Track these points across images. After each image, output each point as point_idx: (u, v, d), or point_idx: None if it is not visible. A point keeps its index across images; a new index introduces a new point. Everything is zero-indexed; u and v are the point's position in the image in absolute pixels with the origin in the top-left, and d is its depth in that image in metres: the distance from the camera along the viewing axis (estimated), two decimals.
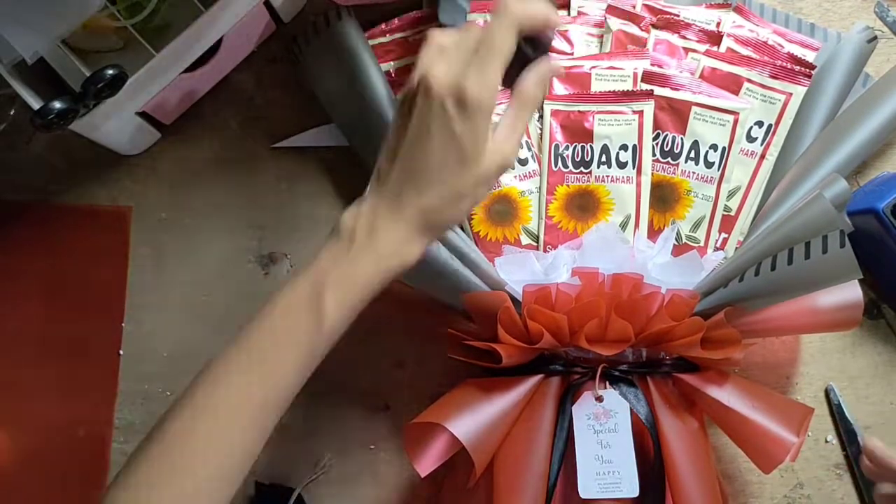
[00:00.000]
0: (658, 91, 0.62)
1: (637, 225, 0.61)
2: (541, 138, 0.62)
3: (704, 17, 0.67)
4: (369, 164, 0.62)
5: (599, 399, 0.57)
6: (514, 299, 0.57)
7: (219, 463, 0.42)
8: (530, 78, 0.45)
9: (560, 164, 0.61)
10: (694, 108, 0.62)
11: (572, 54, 0.65)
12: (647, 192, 0.61)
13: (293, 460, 0.60)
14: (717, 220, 0.62)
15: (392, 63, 0.65)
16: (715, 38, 0.65)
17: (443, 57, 0.42)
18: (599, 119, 0.61)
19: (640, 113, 0.61)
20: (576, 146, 0.61)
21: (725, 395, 0.57)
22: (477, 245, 0.60)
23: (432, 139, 0.43)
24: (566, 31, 0.66)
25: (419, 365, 0.62)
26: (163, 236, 0.63)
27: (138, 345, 0.62)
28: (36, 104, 0.51)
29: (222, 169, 0.65)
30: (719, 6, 0.68)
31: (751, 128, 0.63)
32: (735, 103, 0.62)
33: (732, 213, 0.62)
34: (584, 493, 0.56)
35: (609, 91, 0.62)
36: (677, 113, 0.62)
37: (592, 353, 0.57)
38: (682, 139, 0.62)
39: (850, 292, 0.58)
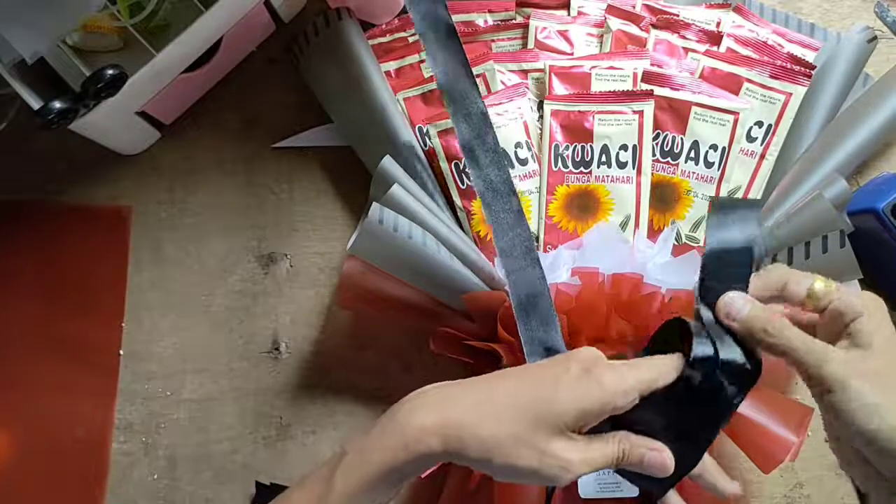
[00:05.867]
0: (658, 91, 0.62)
1: (637, 225, 0.61)
2: (541, 138, 0.62)
3: (704, 17, 0.67)
4: (369, 163, 0.63)
5: None
6: None
7: None
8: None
9: (560, 164, 0.61)
10: (694, 108, 0.62)
11: (572, 54, 0.65)
12: (647, 192, 0.61)
13: (294, 460, 0.60)
14: None
15: (392, 63, 0.65)
16: (715, 38, 0.65)
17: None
18: (599, 119, 0.61)
19: (640, 113, 0.61)
20: (576, 146, 0.61)
21: None
22: (477, 245, 0.60)
23: (534, 372, 0.43)
24: (566, 31, 0.66)
25: (426, 369, 0.62)
26: (163, 236, 0.63)
27: (138, 345, 0.62)
28: (36, 104, 0.51)
29: (222, 169, 0.65)
30: (719, 6, 0.68)
31: (751, 128, 0.63)
32: (735, 103, 0.62)
33: None
34: (584, 494, 0.56)
35: (609, 91, 0.62)
36: (677, 113, 0.62)
37: None
38: (682, 139, 0.62)
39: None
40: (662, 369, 0.41)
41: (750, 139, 0.63)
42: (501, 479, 0.41)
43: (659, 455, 0.41)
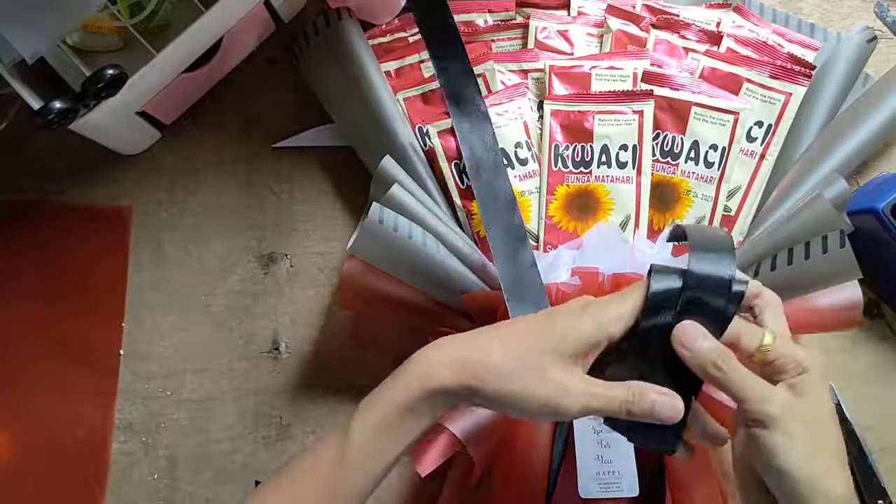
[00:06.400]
0: (658, 91, 0.62)
1: (637, 225, 0.61)
2: (541, 138, 0.62)
3: (704, 17, 0.67)
4: (369, 163, 0.63)
5: None
6: None
7: None
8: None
9: (560, 164, 0.61)
10: (694, 108, 0.62)
11: (572, 54, 0.65)
12: (647, 192, 0.61)
13: None
14: (717, 220, 0.62)
15: (392, 63, 0.65)
16: (715, 38, 0.65)
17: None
18: (599, 119, 0.61)
19: (640, 113, 0.61)
20: (576, 146, 0.61)
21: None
22: (477, 245, 0.60)
23: (538, 314, 0.45)
24: (566, 31, 0.66)
25: None
26: (163, 236, 0.63)
27: (138, 345, 0.62)
28: (36, 104, 0.51)
29: (222, 169, 0.65)
30: (719, 6, 0.68)
31: (751, 128, 0.63)
32: (735, 103, 0.62)
33: (732, 214, 0.62)
34: (583, 493, 0.56)
35: (609, 91, 0.62)
36: (677, 113, 0.62)
37: None
38: (682, 139, 0.62)
39: (850, 292, 0.58)
40: (642, 290, 0.44)
41: (750, 139, 0.63)
42: (517, 415, 0.42)
43: (670, 399, 0.42)
